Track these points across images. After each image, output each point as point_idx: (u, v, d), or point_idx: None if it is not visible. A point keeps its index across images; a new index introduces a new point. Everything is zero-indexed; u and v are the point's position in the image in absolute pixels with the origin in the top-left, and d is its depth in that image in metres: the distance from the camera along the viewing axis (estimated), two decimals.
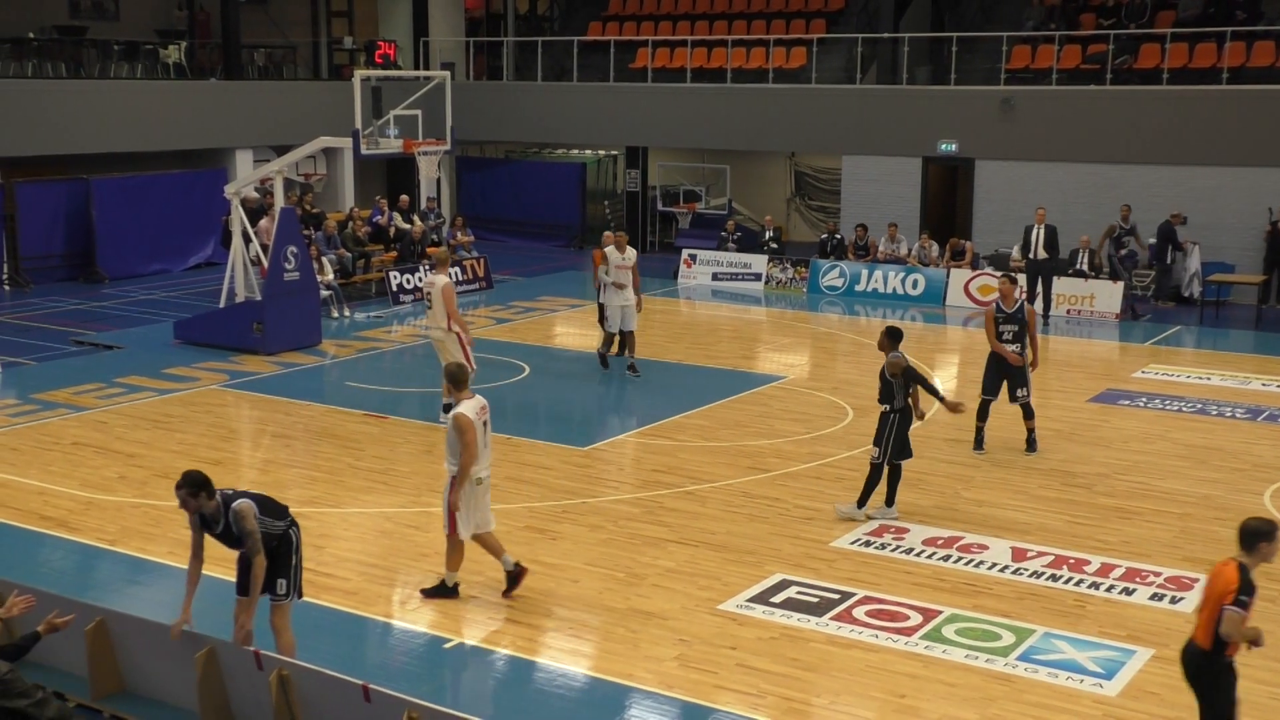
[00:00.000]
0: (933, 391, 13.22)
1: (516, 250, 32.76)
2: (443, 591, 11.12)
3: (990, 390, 15.54)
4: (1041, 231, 23.87)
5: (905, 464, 13.20)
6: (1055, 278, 24.45)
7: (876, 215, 28.73)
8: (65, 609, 9.51)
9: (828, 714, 9.22)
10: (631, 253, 19.12)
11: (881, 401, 13.03)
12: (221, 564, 11.66)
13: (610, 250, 19.08)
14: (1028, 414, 15.54)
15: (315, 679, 8.44)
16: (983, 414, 15.59)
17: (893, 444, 12.94)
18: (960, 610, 10.87)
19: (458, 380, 10.97)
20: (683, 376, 19.38)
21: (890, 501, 13.18)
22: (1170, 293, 26.03)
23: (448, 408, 16.08)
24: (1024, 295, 16.03)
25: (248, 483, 14.41)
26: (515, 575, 11.13)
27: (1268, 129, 25.43)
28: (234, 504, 8.85)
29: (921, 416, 13.30)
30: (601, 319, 19.57)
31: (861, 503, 13.12)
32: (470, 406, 10.69)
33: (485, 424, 10.85)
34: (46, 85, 27.72)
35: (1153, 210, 26.06)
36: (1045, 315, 23.79)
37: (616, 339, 19.46)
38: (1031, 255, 23.93)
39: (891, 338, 13.00)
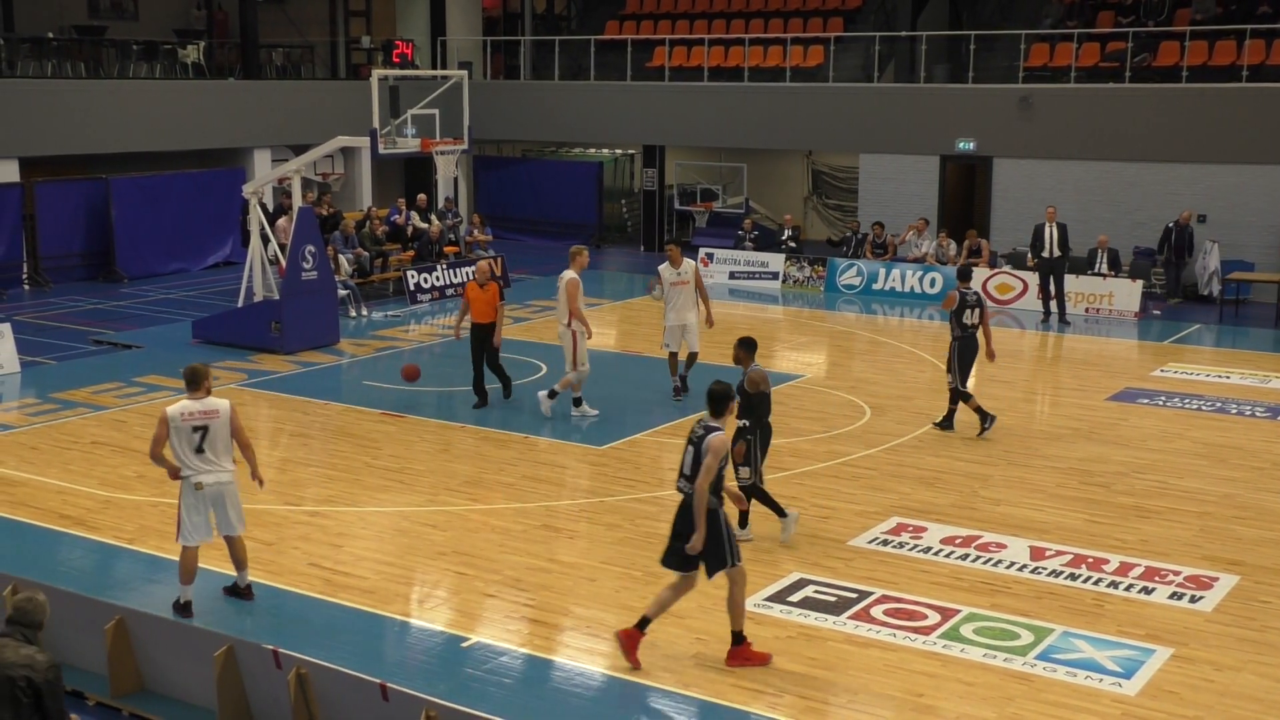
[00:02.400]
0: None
1: (533, 249, 32.77)
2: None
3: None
4: (1054, 230, 23.75)
5: (914, 462, 13.13)
6: (1071, 276, 24.35)
7: (894, 214, 28.68)
8: (84, 608, 9.57)
9: (845, 713, 9.20)
10: (689, 265, 17.52)
11: (741, 418, 12.08)
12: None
13: (664, 268, 17.46)
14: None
15: (334, 678, 8.46)
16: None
17: (760, 462, 12.22)
18: (979, 609, 10.84)
19: (194, 379, 10.62)
20: (700, 375, 19.32)
21: (744, 523, 12.24)
22: (1185, 290, 25.98)
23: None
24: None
25: (265, 481, 14.44)
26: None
27: None
28: None
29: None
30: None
31: (782, 512, 12.37)
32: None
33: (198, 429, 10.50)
34: (66, 85, 27.83)
35: (1172, 208, 25.97)
36: (1061, 313, 23.71)
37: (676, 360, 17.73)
38: (1046, 254, 23.82)
39: (747, 349, 12.29)
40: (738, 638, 9.88)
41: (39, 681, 6.95)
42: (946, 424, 16.35)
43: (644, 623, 9.86)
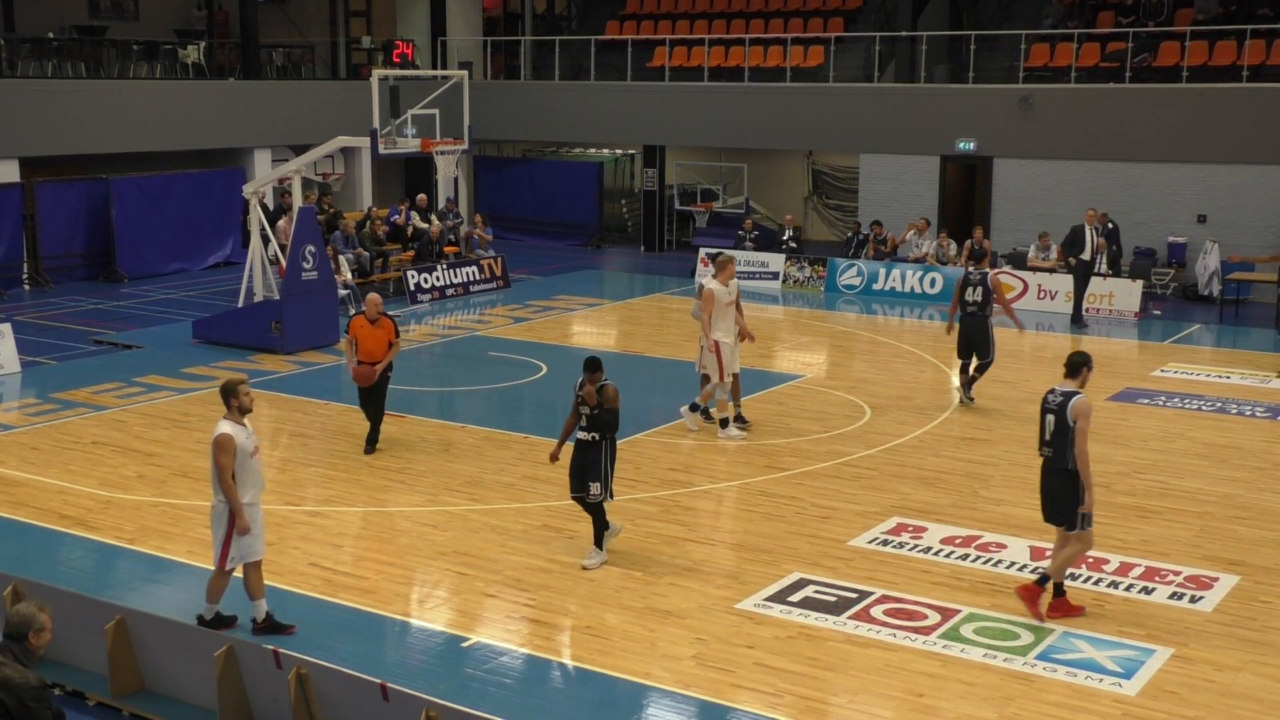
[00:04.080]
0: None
1: (534, 249, 32.79)
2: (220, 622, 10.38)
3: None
4: (1094, 232, 23.42)
5: (914, 462, 13.13)
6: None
7: (894, 214, 28.69)
8: (85, 608, 9.57)
9: (845, 713, 9.21)
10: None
11: (591, 430, 11.72)
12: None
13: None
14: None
15: (334, 678, 8.46)
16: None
17: (611, 476, 11.73)
18: (979, 609, 10.84)
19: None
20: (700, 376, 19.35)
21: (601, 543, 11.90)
22: (1186, 291, 25.99)
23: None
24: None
25: (266, 481, 14.44)
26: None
27: None
28: None
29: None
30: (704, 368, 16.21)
31: (602, 544, 11.90)
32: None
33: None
34: (66, 85, 27.84)
35: (1172, 208, 25.96)
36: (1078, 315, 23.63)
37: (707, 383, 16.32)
38: (1086, 256, 23.36)
39: (593, 369, 11.79)
40: (1058, 589, 10.74)
41: (10, 704, 6.86)
42: (966, 395, 17.50)
43: (1045, 580, 10.74)
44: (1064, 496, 10.49)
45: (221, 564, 10.16)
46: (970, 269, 17.49)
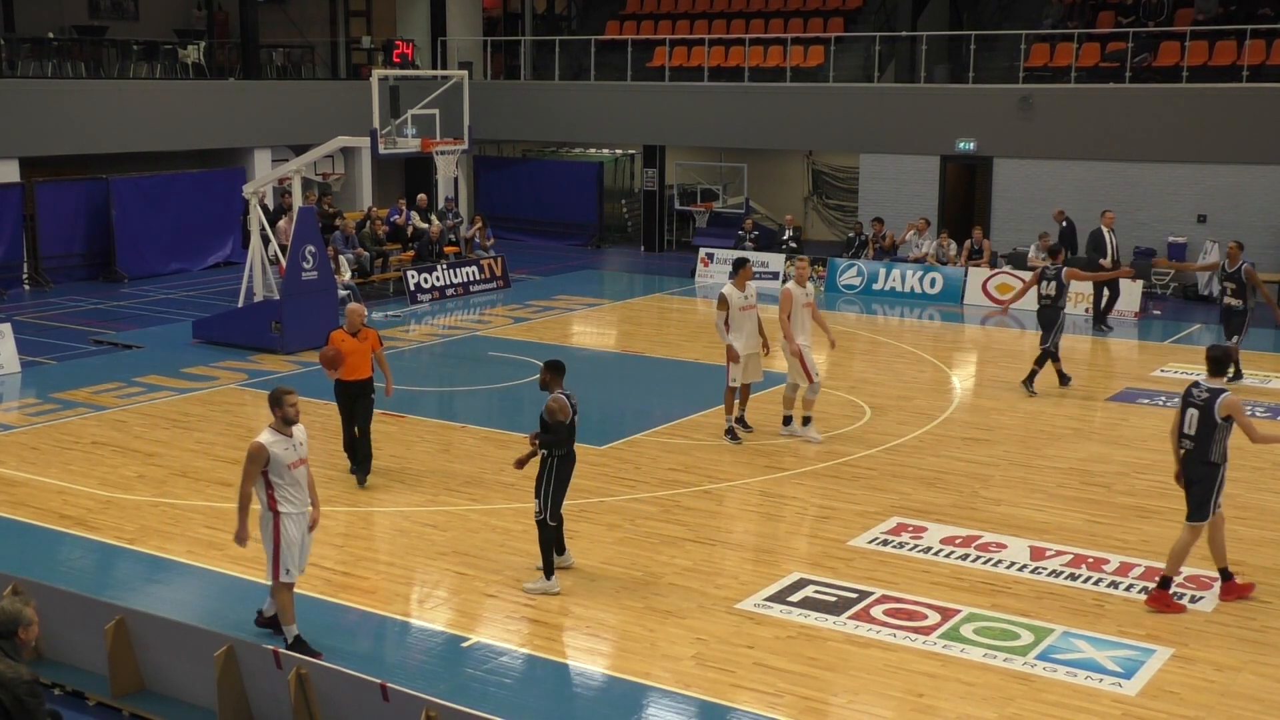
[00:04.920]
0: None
1: (534, 249, 32.79)
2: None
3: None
4: (1113, 235, 23.27)
5: (914, 462, 13.11)
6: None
7: (894, 214, 28.70)
8: (84, 608, 9.57)
9: (845, 713, 9.20)
10: (752, 289, 15.93)
11: (542, 446, 11.16)
12: (239, 563, 11.71)
13: (730, 291, 15.59)
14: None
15: (334, 678, 8.46)
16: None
17: (554, 495, 11.08)
18: (979, 609, 10.84)
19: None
20: (700, 375, 19.36)
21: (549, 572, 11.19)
22: (1186, 291, 25.99)
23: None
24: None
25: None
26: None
27: None
28: None
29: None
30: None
31: (550, 571, 11.19)
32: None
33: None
34: (66, 85, 27.84)
35: (1172, 208, 25.96)
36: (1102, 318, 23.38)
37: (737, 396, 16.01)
38: (1108, 261, 22.92)
39: (554, 372, 11.48)
40: (1225, 574, 11.12)
41: (5, 699, 6.85)
42: (1028, 384, 18.08)
43: (1168, 582, 10.94)
44: (1201, 489, 10.77)
45: (275, 577, 9.80)
46: (1047, 264, 18.75)
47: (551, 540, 11.15)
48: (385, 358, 14.27)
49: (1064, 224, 24.58)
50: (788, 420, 16.06)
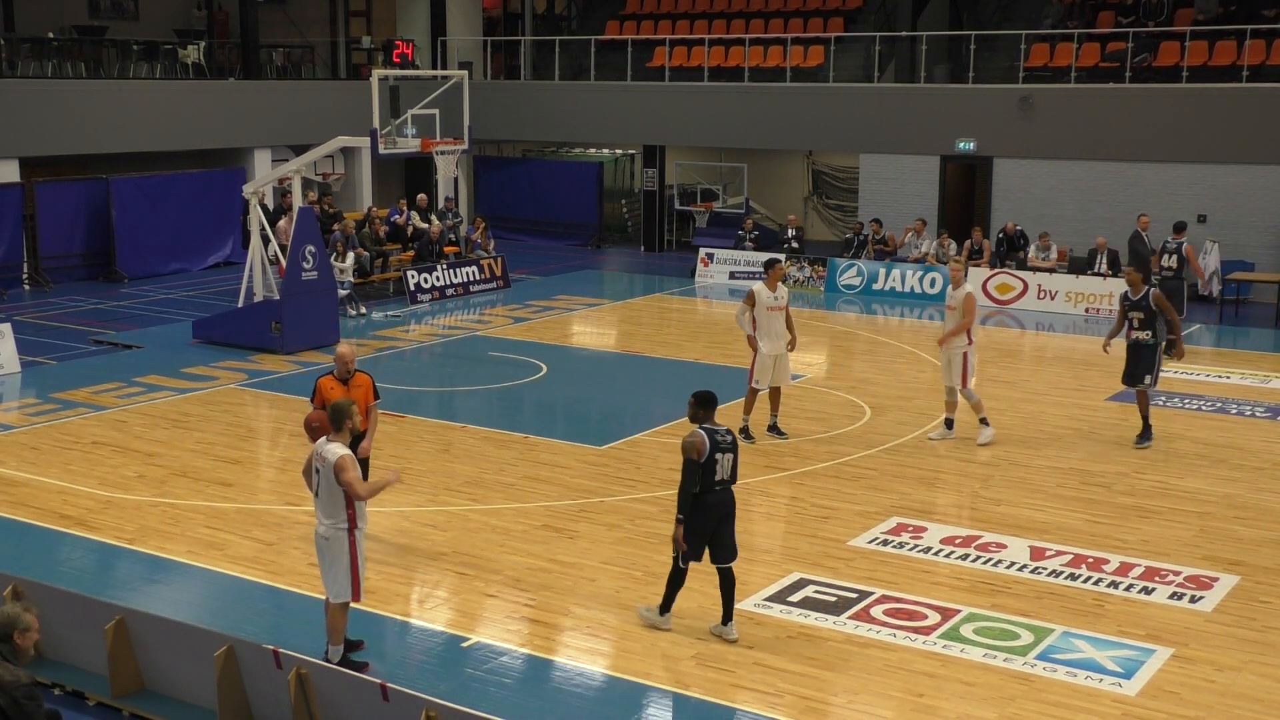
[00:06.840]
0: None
1: (534, 249, 32.79)
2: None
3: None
4: (1149, 239, 22.90)
5: (914, 462, 13.08)
6: (1070, 276, 24.17)
7: (894, 214, 28.69)
8: (84, 608, 9.56)
9: (846, 713, 9.20)
10: (784, 290, 15.86)
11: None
12: (239, 563, 11.71)
13: (759, 288, 15.61)
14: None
15: (334, 678, 8.46)
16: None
17: (688, 538, 10.17)
18: (979, 609, 10.84)
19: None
20: (700, 375, 19.34)
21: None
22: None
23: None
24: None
25: (266, 481, 14.47)
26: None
27: None
28: None
29: None
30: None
31: (665, 609, 10.54)
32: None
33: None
34: (66, 85, 27.83)
35: (1172, 209, 25.94)
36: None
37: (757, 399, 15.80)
38: (1157, 271, 22.26)
39: (701, 405, 10.98)
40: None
41: (4, 703, 6.85)
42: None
43: None
44: None
45: (356, 595, 9.47)
46: (1168, 238, 20.07)
47: (678, 582, 10.41)
48: (377, 412, 11.94)
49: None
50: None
